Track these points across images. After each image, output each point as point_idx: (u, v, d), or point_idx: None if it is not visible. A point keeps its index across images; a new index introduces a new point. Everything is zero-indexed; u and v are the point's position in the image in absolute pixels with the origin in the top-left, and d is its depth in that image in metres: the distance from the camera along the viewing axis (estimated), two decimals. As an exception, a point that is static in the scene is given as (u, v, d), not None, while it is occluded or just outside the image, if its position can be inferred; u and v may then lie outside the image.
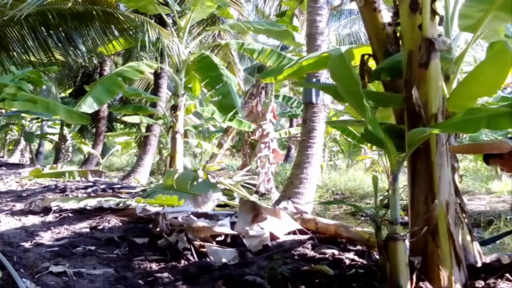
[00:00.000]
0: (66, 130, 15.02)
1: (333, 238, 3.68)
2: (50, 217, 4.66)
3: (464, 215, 2.64)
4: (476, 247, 2.73)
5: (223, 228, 3.68)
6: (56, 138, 15.80)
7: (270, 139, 9.06)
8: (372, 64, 2.87)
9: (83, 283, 2.61)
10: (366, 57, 2.85)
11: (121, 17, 7.19)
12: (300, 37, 7.77)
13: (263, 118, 9.25)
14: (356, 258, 3.13)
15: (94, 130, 13.85)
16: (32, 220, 4.57)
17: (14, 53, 7.10)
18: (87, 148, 13.23)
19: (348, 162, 15.58)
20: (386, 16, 2.78)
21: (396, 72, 2.64)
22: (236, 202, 5.49)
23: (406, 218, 2.84)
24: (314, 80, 5.54)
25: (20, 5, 5.85)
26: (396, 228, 2.27)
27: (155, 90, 10.19)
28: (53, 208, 4.84)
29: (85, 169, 10.42)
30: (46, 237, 3.82)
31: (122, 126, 16.20)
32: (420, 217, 2.36)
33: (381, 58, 2.77)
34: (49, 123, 16.14)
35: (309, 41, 5.76)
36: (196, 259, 3.19)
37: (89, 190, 6.83)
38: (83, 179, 8.64)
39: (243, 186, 6.78)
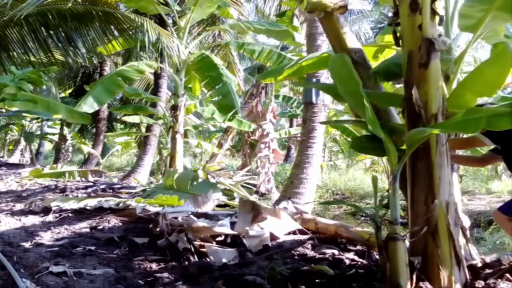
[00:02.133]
0: (66, 130, 15.02)
1: (333, 238, 3.68)
2: (50, 217, 4.66)
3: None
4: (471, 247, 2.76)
5: (223, 228, 3.68)
6: (56, 138, 15.80)
7: (270, 139, 9.07)
8: (372, 64, 2.88)
9: (83, 283, 2.61)
10: None
11: (120, 17, 7.19)
12: (300, 37, 7.77)
13: (263, 118, 9.25)
14: (356, 258, 3.13)
15: (94, 130, 13.85)
16: (32, 220, 4.57)
17: (14, 53, 7.09)
18: (87, 148, 13.23)
19: (348, 162, 15.60)
20: (346, 25, 2.94)
21: (390, 75, 2.65)
22: (236, 202, 5.49)
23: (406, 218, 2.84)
24: (314, 80, 5.54)
25: (20, 5, 5.84)
26: (396, 228, 2.27)
27: (155, 90, 10.19)
28: (53, 208, 4.84)
29: (85, 169, 10.42)
30: (46, 237, 3.82)
31: (122, 126, 16.21)
32: (420, 217, 2.36)
33: None
34: (49, 123, 16.14)
35: (309, 41, 5.76)
36: (196, 259, 3.19)
37: (89, 190, 6.83)
38: (83, 179, 8.64)
39: (243, 186, 6.79)
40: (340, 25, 2.90)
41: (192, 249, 3.31)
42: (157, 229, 3.68)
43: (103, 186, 7.30)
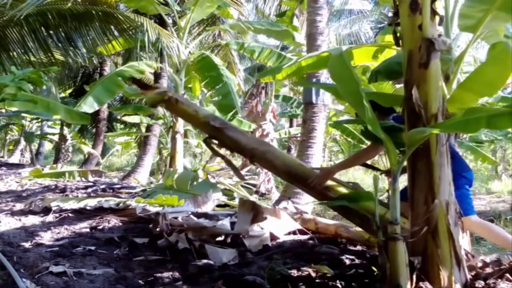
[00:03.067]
0: (66, 130, 15.03)
1: (333, 238, 3.68)
2: (50, 217, 4.66)
3: None
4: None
5: (223, 228, 3.68)
6: (56, 138, 15.80)
7: (270, 139, 9.06)
8: (370, 64, 2.89)
9: (83, 283, 2.61)
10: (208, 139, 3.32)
11: (120, 17, 7.19)
12: (300, 37, 7.78)
13: (263, 118, 9.25)
14: (356, 258, 3.12)
15: (94, 130, 13.86)
16: (32, 220, 4.57)
17: (14, 53, 7.09)
18: (87, 148, 13.23)
19: (348, 162, 15.56)
20: (189, 102, 3.24)
21: (391, 73, 2.64)
22: (236, 202, 5.49)
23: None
24: (314, 80, 5.54)
25: (20, 5, 5.84)
26: (396, 228, 2.27)
27: (155, 90, 10.18)
28: (53, 208, 4.83)
29: (85, 169, 10.43)
30: (46, 237, 3.82)
31: (122, 126, 16.22)
32: (420, 217, 2.36)
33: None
34: (49, 123, 16.14)
35: (309, 41, 5.76)
36: (196, 259, 3.19)
37: (89, 190, 6.83)
38: (83, 179, 8.64)
39: (243, 186, 6.78)
40: (185, 104, 3.16)
41: (192, 249, 3.31)
42: (157, 229, 3.68)
43: (103, 186, 7.30)
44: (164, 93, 3.10)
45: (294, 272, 2.77)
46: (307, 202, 5.34)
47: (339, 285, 2.55)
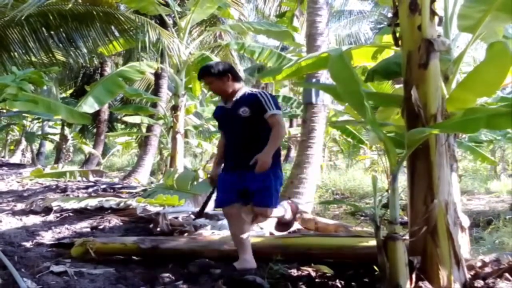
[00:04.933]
0: (67, 130, 15.04)
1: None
2: (51, 217, 4.67)
3: None
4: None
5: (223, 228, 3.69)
6: (57, 138, 15.80)
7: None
8: (369, 65, 2.90)
9: (83, 282, 2.62)
10: None
11: (121, 18, 7.20)
12: (300, 37, 7.79)
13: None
14: (356, 257, 3.12)
15: (95, 130, 13.88)
16: (33, 219, 4.58)
17: (15, 53, 7.11)
18: (88, 148, 13.24)
19: (348, 162, 15.60)
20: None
21: (389, 73, 2.65)
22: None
23: (406, 218, 2.85)
24: (313, 80, 5.55)
25: (21, 5, 5.86)
26: (396, 228, 2.28)
27: (156, 91, 10.21)
28: (54, 208, 4.84)
29: (86, 169, 10.44)
30: (47, 237, 3.83)
31: (123, 126, 16.23)
32: (420, 217, 2.37)
33: None
34: (50, 123, 16.16)
35: (309, 41, 5.77)
36: (197, 259, 3.20)
37: (90, 190, 6.84)
38: (84, 179, 8.65)
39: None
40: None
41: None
42: (158, 229, 3.69)
43: (103, 186, 7.30)
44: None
45: (294, 272, 2.79)
46: (307, 202, 5.35)
47: (339, 284, 2.56)
